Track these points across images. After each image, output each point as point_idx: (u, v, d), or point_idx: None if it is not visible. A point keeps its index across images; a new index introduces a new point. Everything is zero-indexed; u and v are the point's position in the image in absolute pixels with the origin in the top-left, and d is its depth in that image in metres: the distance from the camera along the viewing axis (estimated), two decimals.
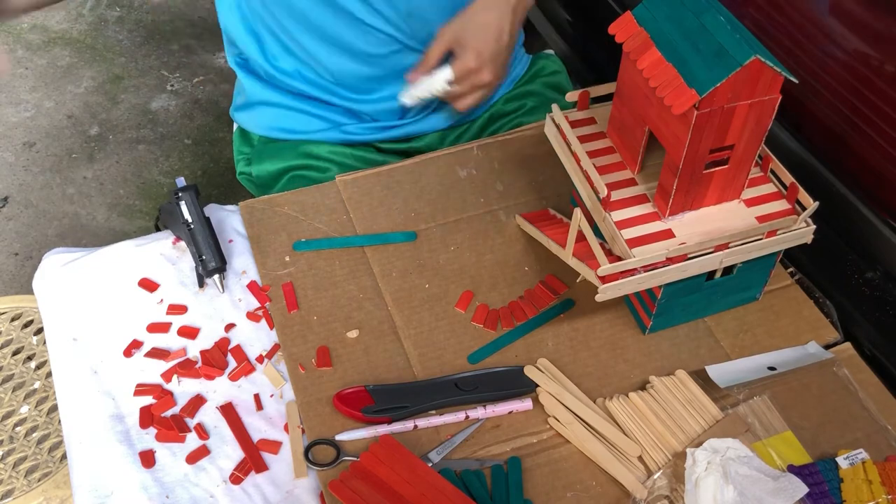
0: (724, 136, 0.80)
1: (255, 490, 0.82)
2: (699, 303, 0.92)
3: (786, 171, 0.88)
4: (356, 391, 0.86)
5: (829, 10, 1.09)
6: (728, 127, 0.79)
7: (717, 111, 0.77)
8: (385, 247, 1.01)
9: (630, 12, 0.84)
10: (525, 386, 0.88)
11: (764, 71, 0.76)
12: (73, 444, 0.86)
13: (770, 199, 0.89)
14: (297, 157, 1.19)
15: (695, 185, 0.84)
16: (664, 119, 0.81)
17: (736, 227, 0.86)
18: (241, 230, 1.04)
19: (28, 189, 2.23)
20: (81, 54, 2.61)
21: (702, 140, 0.79)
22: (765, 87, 0.77)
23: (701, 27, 0.77)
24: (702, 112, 0.76)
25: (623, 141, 0.92)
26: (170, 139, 2.37)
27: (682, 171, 0.81)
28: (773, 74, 0.76)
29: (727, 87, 0.75)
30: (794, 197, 0.87)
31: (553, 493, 0.81)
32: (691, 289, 0.89)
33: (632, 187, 0.90)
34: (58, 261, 1.02)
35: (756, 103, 0.78)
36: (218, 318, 0.96)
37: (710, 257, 0.84)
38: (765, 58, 0.74)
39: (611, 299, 0.90)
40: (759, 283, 0.94)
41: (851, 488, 0.79)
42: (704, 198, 0.87)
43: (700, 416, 0.84)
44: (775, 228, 0.85)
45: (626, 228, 0.85)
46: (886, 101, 1.02)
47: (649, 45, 0.81)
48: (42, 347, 1.33)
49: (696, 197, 0.86)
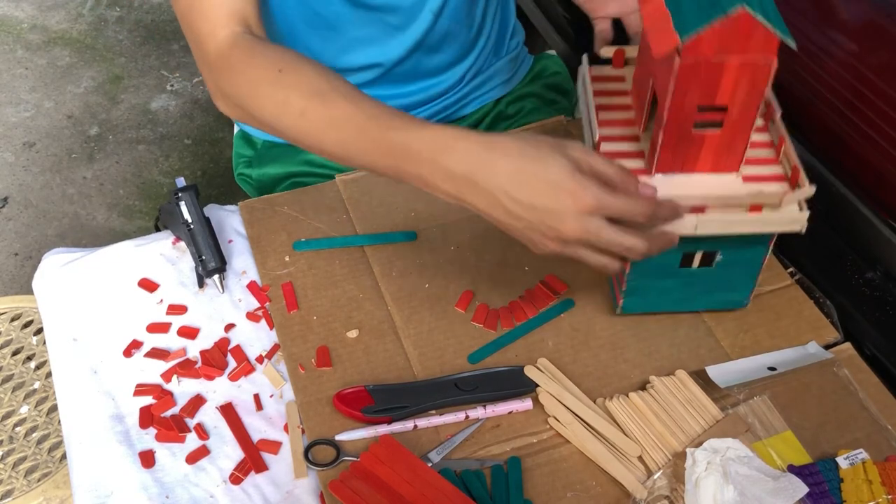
0: (714, 95, 0.78)
1: (254, 490, 0.82)
2: (676, 291, 0.90)
3: (794, 154, 0.84)
4: (356, 391, 0.86)
5: (829, 9, 1.09)
6: (718, 85, 0.77)
7: (702, 63, 0.75)
8: (385, 247, 1.01)
9: None
10: (525, 386, 0.88)
11: (755, 27, 0.72)
12: (72, 444, 0.86)
13: (771, 180, 0.84)
14: (300, 164, 1.19)
15: (684, 143, 0.81)
16: (660, 70, 0.79)
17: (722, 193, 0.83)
18: (241, 230, 1.04)
19: (28, 189, 2.23)
20: (81, 54, 2.61)
21: (687, 92, 0.77)
22: (757, 45, 0.74)
23: None
24: (685, 62, 0.74)
25: (636, 98, 0.90)
26: (170, 139, 2.37)
27: (666, 123, 0.79)
28: (766, 33, 0.73)
29: (712, 36, 0.73)
30: (797, 181, 0.83)
31: (553, 493, 0.81)
32: (665, 272, 0.88)
33: (631, 142, 0.88)
34: (58, 261, 1.02)
35: (748, 63, 0.75)
36: (218, 319, 0.96)
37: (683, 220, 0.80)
38: (759, 14, 0.71)
39: (609, 299, 0.90)
40: (745, 284, 0.91)
41: (851, 488, 0.79)
42: (697, 162, 0.83)
43: (700, 416, 0.84)
44: (760, 203, 0.81)
45: None
46: (886, 101, 1.02)
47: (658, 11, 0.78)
48: (42, 347, 1.33)
49: (686, 158, 0.83)
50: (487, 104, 1.25)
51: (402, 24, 1.07)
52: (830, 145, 1.12)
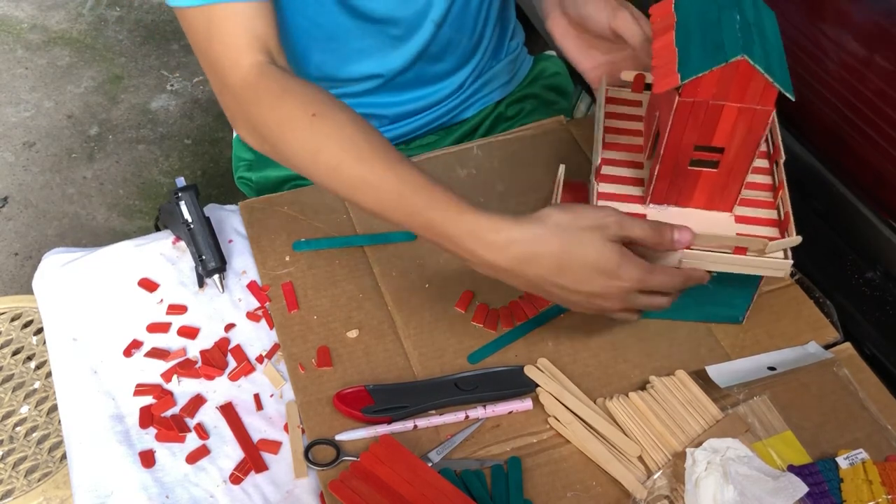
0: (711, 135, 0.80)
1: (255, 490, 0.82)
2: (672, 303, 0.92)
3: (788, 201, 0.85)
4: (356, 391, 0.86)
5: (829, 10, 1.09)
6: (715, 126, 0.79)
7: (701, 104, 0.77)
8: (385, 247, 1.01)
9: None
10: (525, 386, 0.88)
11: (754, 76, 0.74)
12: (73, 444, 0.86)
13: (763, 223, 0.86)
14: None
15: (679, 179, 0.84)
16: (663, 104, 0.81)
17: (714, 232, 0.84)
18: (241, 230, 1.04)
19: (28, 189, 2.23)
20: (81, 54, 2.61)
21: (685, 130, 0.79)
22: (756, 94, 0.76)
23: (717, 20, 0.78)
24: (684, 100, 0.77)
25: (646, 125, 0.92)
26: (170, 139, 2.37)
27: (663, 157, 0.82)
28: (765, 83, 0.75)
29: (712, 80, 0.75)
30: (786, 227, 0.84)
31: (553, 493, 0.81)
32: None
33: (633, 168, 0.91)
34: (58, 261, 1.02)
35: (746, 109, 0.77)
36: (218, 318, 0.96)
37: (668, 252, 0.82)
38: (760, 65, 0.73)
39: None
40: (740, 304, 0.92)
41: (851, 488, 0.79)
42: (691, 198, 0.86)
43: (700, 416, 0.84)
44: (744, 247, 0.82)
45: (607, 201, 0.87)
46: (886, 101, 1.02)
47: (669, 30, 0.81)
48: (42, 347, 1.33)
49: (681, 193, 0.86)
50: (488, 106, 1.25)
51: (404, 35, 1.07)
52: (830, 145, 1.12)
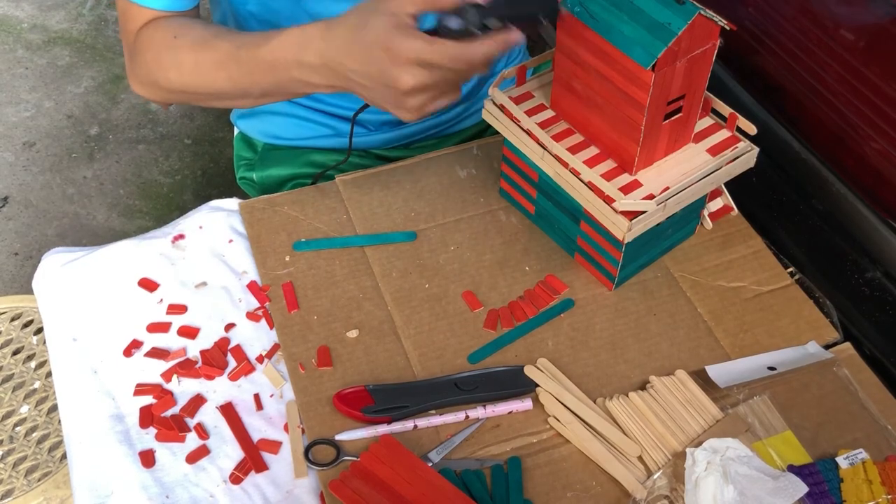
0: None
1: (255, 490, 0.82)
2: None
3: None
4: (356, 391, 0.86)
5: (829, 8, 1.09)
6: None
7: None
8: (385, 247, 1.01)
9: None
10: (525, 386, 0.88)
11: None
12: (73, 443, 0.86)
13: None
14: (302, 166, 1.19)
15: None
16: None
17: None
18: (241, 230, 1.04)
19: (28, 189, 2.23)
20: (81, 54, 2.61)
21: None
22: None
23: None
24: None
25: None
26: (170, 139, 2.37)
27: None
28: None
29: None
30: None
31: (553, 493, 0.81)
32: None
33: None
34: (58, 260, 1.02)
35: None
36: (218, 318, 0.96)
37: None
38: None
39: (608, 298, 0.90)
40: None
41: (851, 488, 0.79)
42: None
43: (700, 416, 0.84)
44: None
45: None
46: (886, 101, 1.02)
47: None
48: (42, 347, 1.33)
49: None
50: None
51: None
52: (830, 145, 1.12)
